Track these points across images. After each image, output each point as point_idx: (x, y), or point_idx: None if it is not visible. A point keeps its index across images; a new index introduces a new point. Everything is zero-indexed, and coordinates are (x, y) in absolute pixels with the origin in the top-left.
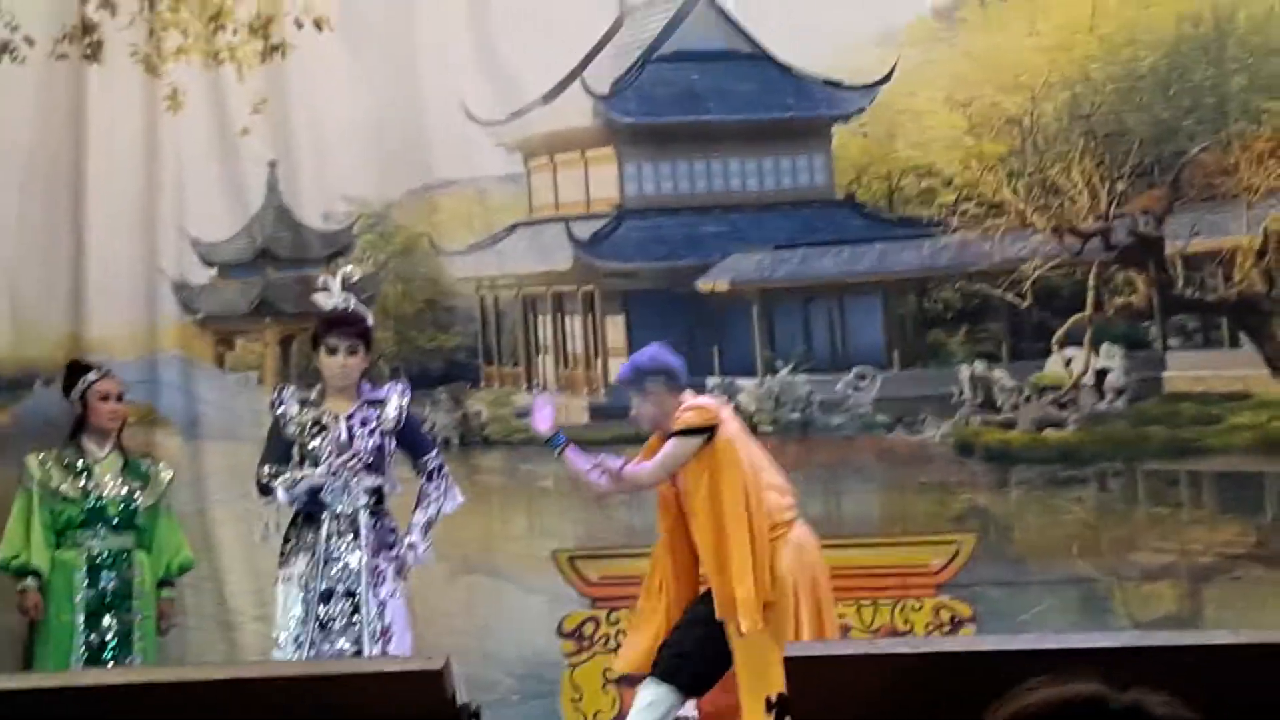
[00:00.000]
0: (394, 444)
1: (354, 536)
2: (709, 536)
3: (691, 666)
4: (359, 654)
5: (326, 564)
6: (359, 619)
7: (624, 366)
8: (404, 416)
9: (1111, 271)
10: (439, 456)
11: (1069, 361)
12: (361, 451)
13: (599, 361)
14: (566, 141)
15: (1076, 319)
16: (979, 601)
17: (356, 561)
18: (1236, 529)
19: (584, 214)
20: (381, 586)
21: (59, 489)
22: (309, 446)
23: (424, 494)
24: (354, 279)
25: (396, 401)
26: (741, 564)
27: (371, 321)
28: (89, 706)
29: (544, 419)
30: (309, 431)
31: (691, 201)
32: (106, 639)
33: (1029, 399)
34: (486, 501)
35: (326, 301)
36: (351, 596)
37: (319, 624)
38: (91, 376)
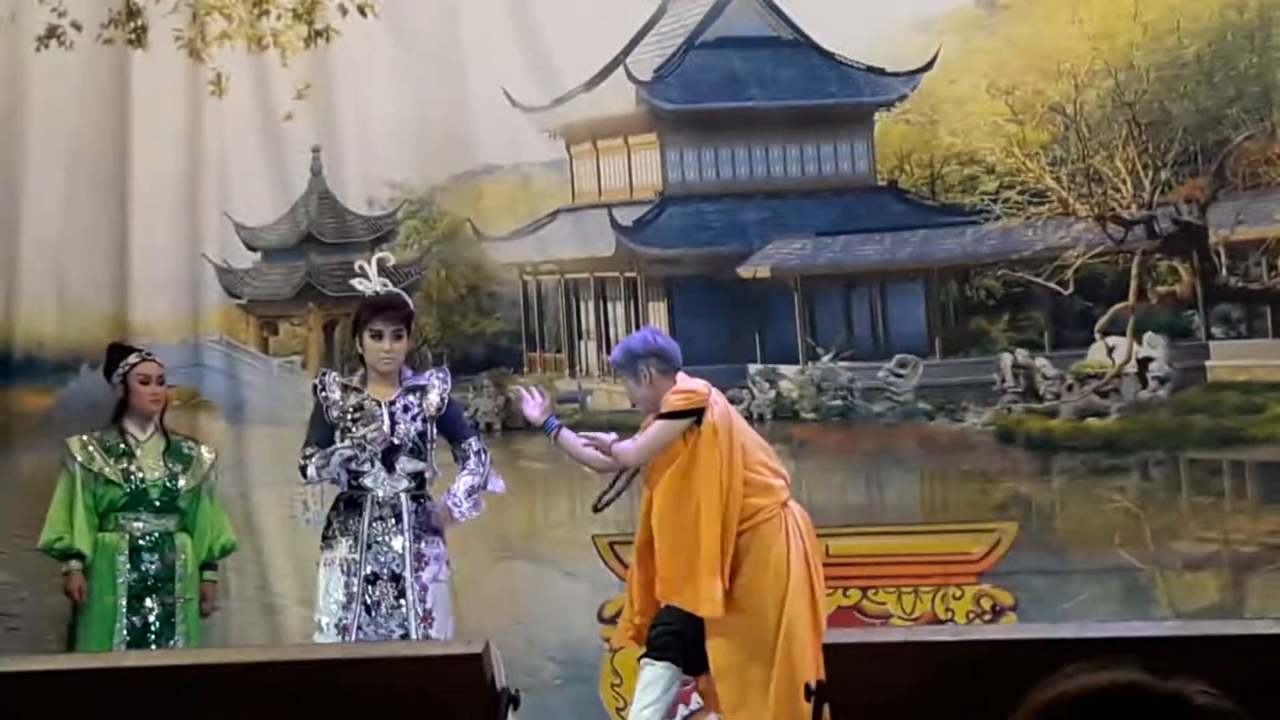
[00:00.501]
0: (435, 430)
1: (396, 521)
2: (665, 520)
3: (683, 643)
4: (405, 637)
5: (370, 548)
6: (404, 603)
7: (616, 349)
8: (446, 403)
9: (1155, 260)
10: (480, 442)
11: (1111, 350)
12: (399, 433)
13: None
14: (609, 128)
15: (1119, 307)
16: (1020, 590)
17: (400, 545)
18: (1279, 519)
19: (627, 200)
20: (424, 571)
21: (101, 472)
22: (351, 432)
23: (466, 467)
24: (390, 264)
25: (439, 387)
26: (709, 555)
27: (412, 305)
28: (132, 688)
29: (534, 406)
30: (351, 417)
31: (734, 188)
32: (149, 621)
33: (1071, 387)
34: (529, 487)
35: (364, 287)
36: (397, 580)
37: (365, 608)
38: (132, 360)
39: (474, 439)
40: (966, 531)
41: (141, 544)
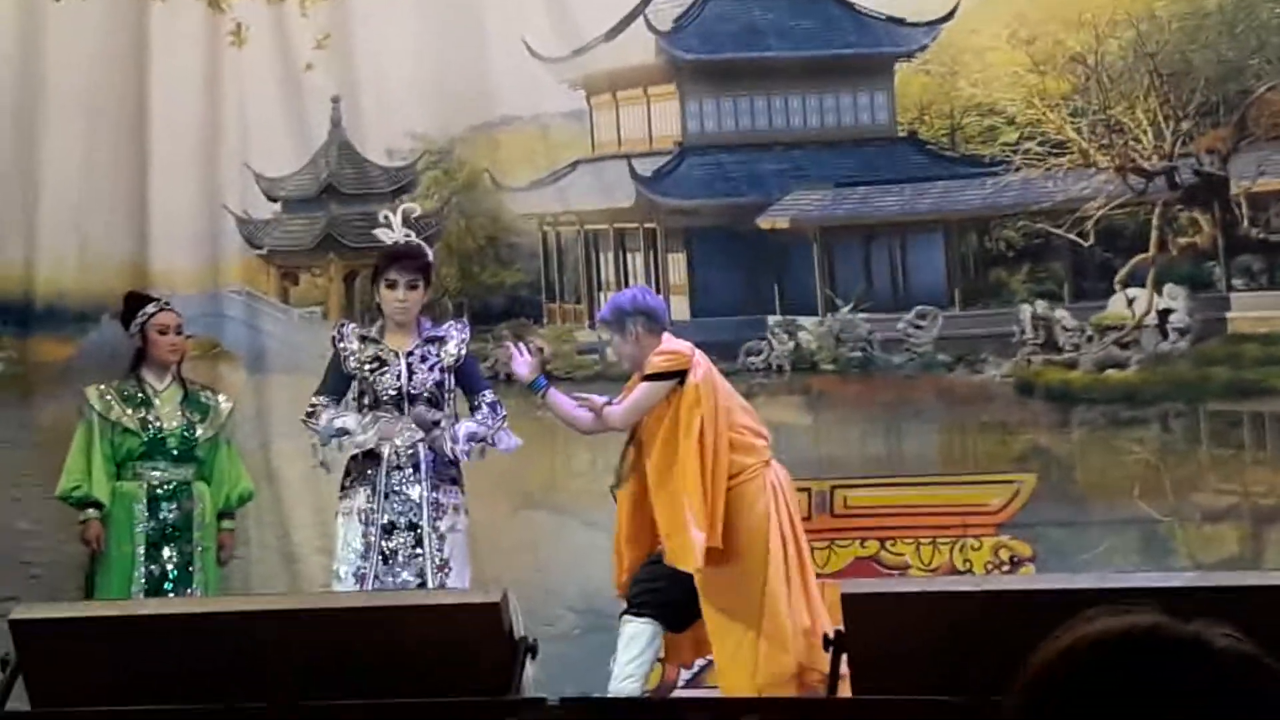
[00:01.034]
0: (454, 380)
1: (414, 470)
2: (661, 479)
3: (663, 598)
4: (422, 585)
5: (388, 497)
6: (422, 551)
7: (605, 306)
8: (463, 354)
9: (1175, 211)
10: (495, 395)
11: (1131, 302)
12: (415, 382)
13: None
14: (629, 78)
15: (1140, 259)
16: (1039, 541)
17: (418, 495)
18: None
19: (646, 151)
20: (441, 520)
21: (119, 421)
22: (370, 381)
23: (475, 417)
24: (415, 214)
25: (457, 338)
26: (696, 510)
27: (432, 256)
28: (149, 635)
29: (523, 364)
30: (369, 367)
31: (753, 139)
32: (167, 570)
33: (1091, 339)
34: (549, 437)
35: (387, 237)
36: (414, 529)
37: (382, 557)
38: (150, 309)
39: (488, 391)
40: (985, 483)
41: (159, 493)
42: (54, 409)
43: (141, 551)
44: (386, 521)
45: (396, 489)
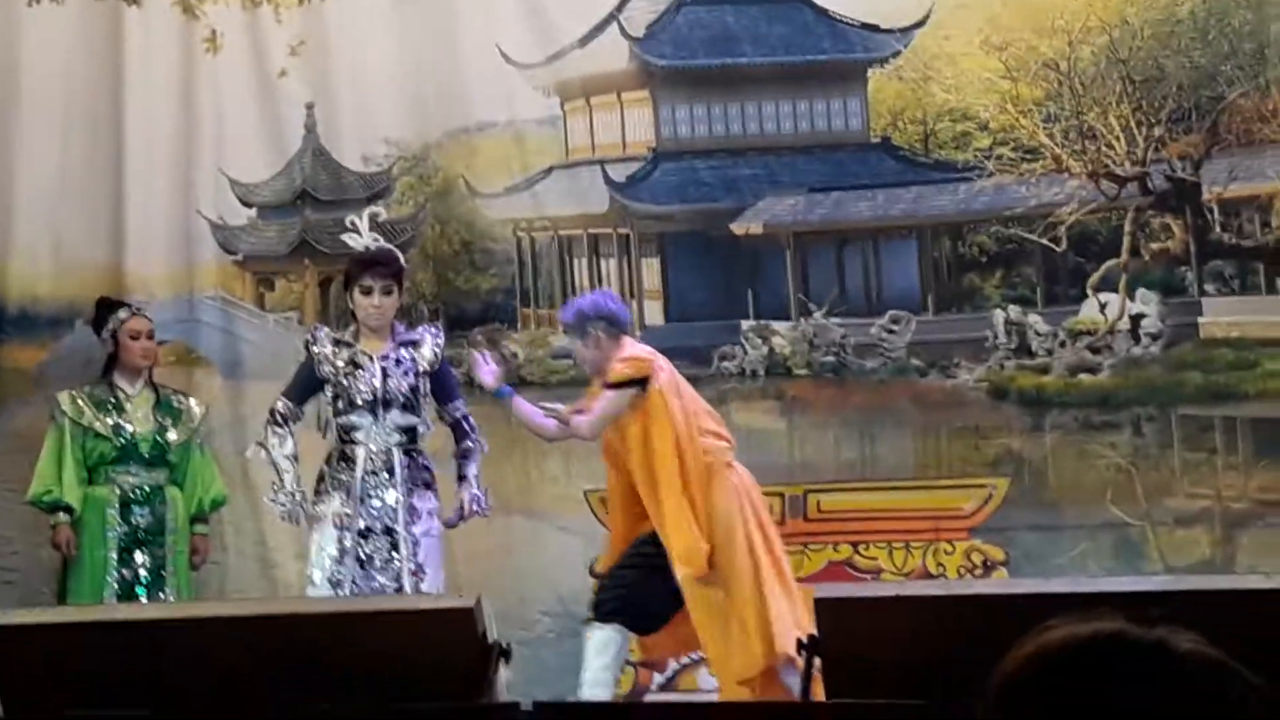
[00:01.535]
0: (428, 385)
1: (389, 475)
2: (646, 488)
3: (633, 608)
4: (399, 591)
5: (363, 502)
6: (398, 556)
7: (566, 309)
8: (439, 358)
9: (1148, 216)
10: (465, 405)
11: (1104, 306)
12: (390, 388)
13: (635, 304)
14: (602, 84)
15: (1112, 264)
16: (1012, 546)
17: (393, 499)
18: (1271, 475)
19: (620, 157)
20: (416, 524)
21: (91, 426)
22: (344, 386)
23: (469, 450)
24: (381, 219)
25: (431, 343)
26: (676, 514)
27: (404, 261)
28: (121, 640)
29: (488, 373)
30: (343, 372)
31: (726, 144)
32: (139, 574)
33: (1064, 344)
34: (522, 443)
35: (356, 243)
36: (390, 534)
37: (358, 562)
38: (122, 315)
39: (460, 402)
40: (958, 487)
41: (131, 498)
42: (27, 414)
43: (114, 556)
44: (362, 527)
45: (372, 494)
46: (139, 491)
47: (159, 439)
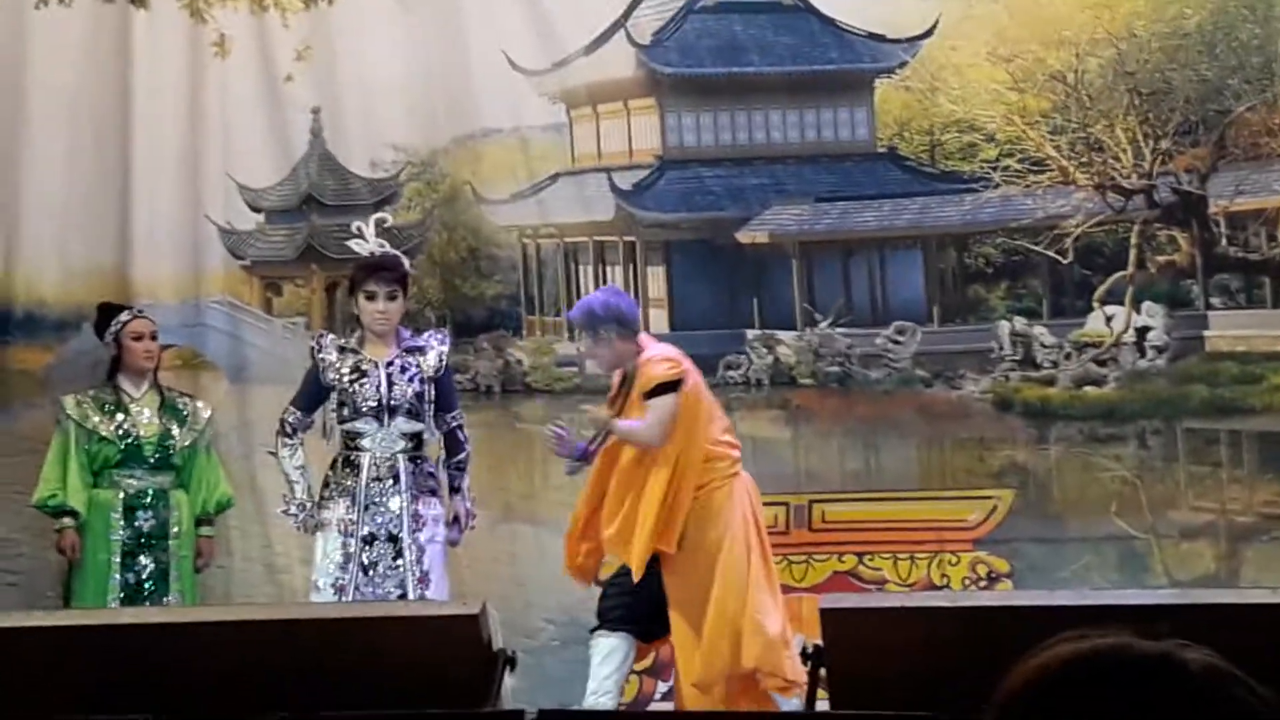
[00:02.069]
0: (433, 391)
1: (394, 481)
2: (628, 477)
3: (634, 611)
4: (403, 597)
5: (368, 509)
6: (402, 563)
7: (576, 309)
8: (444, 365)
9: (1154, 229)
10: (462, 415)
11: (1110, 319)
12: (395, 394)
13: (640, 312)
14: (609, 92)
15: (1118, 276)
16: (1016, 558)
17: (397, 506)
18: (1276, 489)
19: (626, 164)
20: (421, 531)
21: (96, 429)
22: (350, 392)
23: (463, 463)
24: (386, 224)
25: (437, 349)
26: (646, 515)
27: (409, 266)
28: (125, 644)
29: (565, 446)
30: (348, 379)
31: (733, 153)
32: (143, 578)
33: (1069, 356)
34: (528, 450)
35: (362, 248)
36: (394, 541)
37: (362, 568)
38: (124, 317)
39: (458, 411)
40: (963, 498)
41: (135, 501)
42: (33, 417)
43: (118, 560)
44: (367, 533)
45: (376, 500)
46: (143, 495)
47: (163, 442)
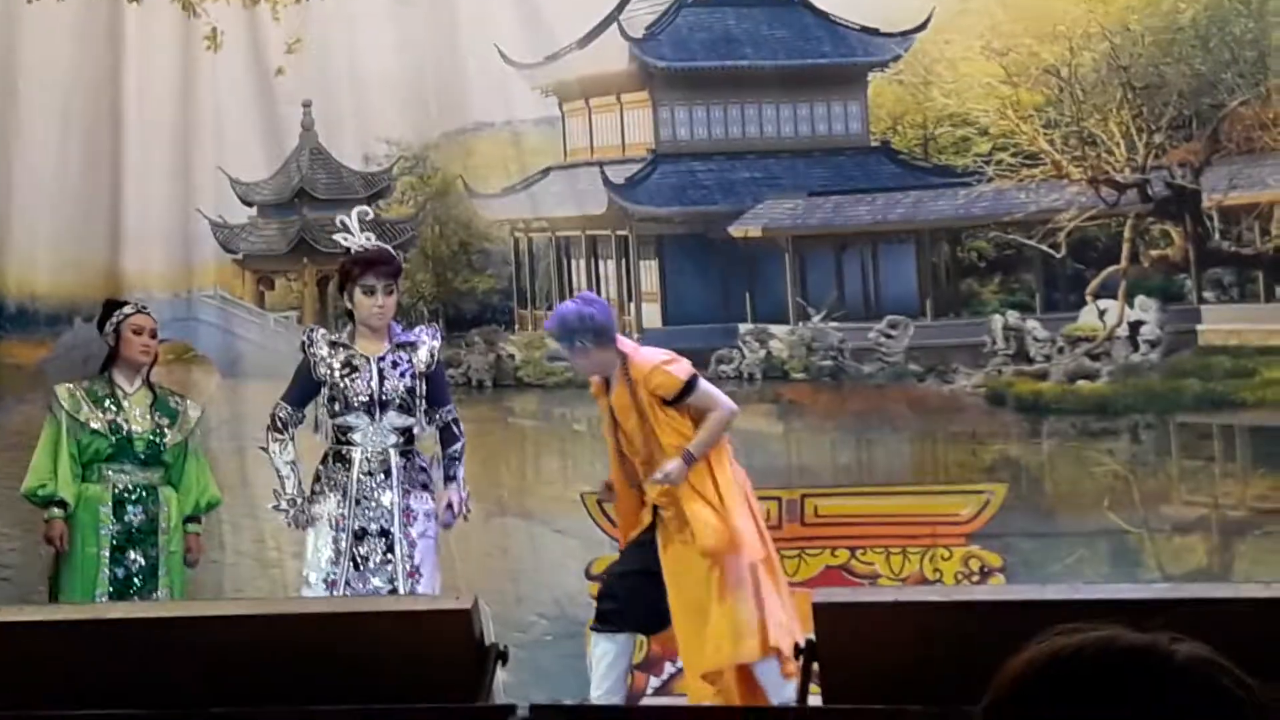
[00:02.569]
0: (425, 386)
1: (385, 476)
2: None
3: (632, 606)
4: (394, 592)
5: (359, 503)
6: (393, 557)
7: (551, 320)
8: (435, 360)
9: (1147, 223)
10: (454, 410)
11: (1103, 313)
12: (386, 389)
13: (632, 306)
14: (601, 85)
15: (1111, 270)
16: (1009, 552)
17: (389, 500)
18: (1269, 483)
19: (618, 158)
20: (412, 526)
21: (88, 421)
22: (341, 388)
23: (459, 453)
24: (369, 218)
25: (429, 344)
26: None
27: (401, 260)
28: (114, 639)
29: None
30: (340, 374)
31: (726, 147)
32: (132, 573)
33: (1062, 350)
34: (520, 444)
35: (349, 242)
36: (385, 535)
37: (354, 563)
38: (127, 310)
39: (451, 405)
40: (955, 493)
41: (125, 496)
42: (24, 411)
43: (106, 555)
44: (358, 527)
45: (368, 495)
46: (132, 490)
47: (155, 438)
